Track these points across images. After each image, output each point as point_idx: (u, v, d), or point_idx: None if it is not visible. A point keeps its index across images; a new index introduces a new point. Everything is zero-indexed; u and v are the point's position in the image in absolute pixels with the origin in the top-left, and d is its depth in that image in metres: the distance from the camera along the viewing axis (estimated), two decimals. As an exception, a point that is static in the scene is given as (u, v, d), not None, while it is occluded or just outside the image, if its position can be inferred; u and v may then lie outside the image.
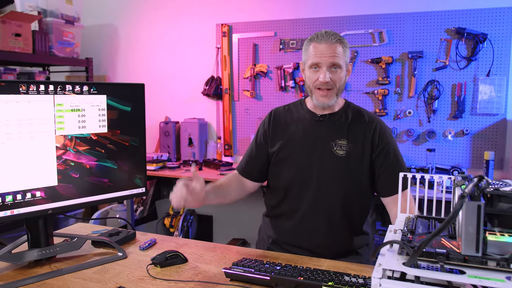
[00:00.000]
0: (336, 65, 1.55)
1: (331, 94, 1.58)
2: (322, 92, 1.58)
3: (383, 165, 1.61)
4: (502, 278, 0.69)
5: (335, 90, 1.58)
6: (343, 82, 1.60)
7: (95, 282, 1.28)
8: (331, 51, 1.54)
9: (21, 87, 1.30)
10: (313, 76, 1.58)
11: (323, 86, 1.57)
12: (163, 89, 3.86)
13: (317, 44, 1.56)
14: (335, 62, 1.54)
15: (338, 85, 1.57)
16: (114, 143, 1.52)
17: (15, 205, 1.31)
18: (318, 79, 1.56)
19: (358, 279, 1.16)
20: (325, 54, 1.54)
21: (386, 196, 1.62)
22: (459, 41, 2.91)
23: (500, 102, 2.83)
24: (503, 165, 2.89)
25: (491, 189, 0.79)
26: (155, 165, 3.30)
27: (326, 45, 1.54)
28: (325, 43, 1.55)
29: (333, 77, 1.56)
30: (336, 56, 1.54)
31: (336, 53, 1.54)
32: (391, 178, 1.59)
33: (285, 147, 1.69)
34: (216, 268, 1.37)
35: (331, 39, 1.55)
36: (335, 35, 1.56)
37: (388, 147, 1.61)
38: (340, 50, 1.55)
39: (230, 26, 3.55)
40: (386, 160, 1.61)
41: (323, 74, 1.54)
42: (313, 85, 1.59)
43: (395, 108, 3.12)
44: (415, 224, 0.95)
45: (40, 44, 3.32)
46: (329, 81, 1.55)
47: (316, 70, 1.57)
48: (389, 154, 1.61)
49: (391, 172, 1.59)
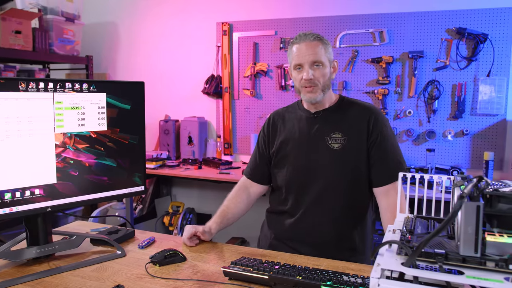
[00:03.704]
0: (318, 62, 1.61)
1: (316, 90, 1.62)
2: (307, 88, 1.63)
3: (375, 155, 1.63)
4: (501, 279, 0.69)
5: (320, 86, 1.62)
6: (327, 78, 1.64)
7: (94, 280, 1.28)
8: (311, 50, 1.60)
9: (21, 85, 1.30)
10: (298, 76, 1.64)
11: (307, 84, 1.61)
12: (163, 88, 3.86)
13: (297, 46, 1.63)
14: (316, 59, 1.60)
15: (322, 81, 1.62)
16: (113, 141, 1.52)
17: (14, 202, 1.31)
18: (302, 78, 1.61)
19: (356, 278, 1.16)
20: (305, 54, 1.60)
21: (376, 186, 1.65)
22: (459, 41, 2.90)
23: (500, 103, 2.83)
24: (503, 165, 2.89)
25: (491, 190, 0.79)
26: (155, 163, 3.30)
27: (305, 45, 1.61)
28: (304, 43, 1.61)
29: (316, 73, 1.60)
30: (316, 54, 1.60)
31: (317, 51, 1.60)
32: (382, 167, 1.62)
33: (283, 147, 1.72)
34: (215, 267, 1.37)
35: (309, 38, 1.61)
36: (312, 34, 1.63)
37: (381, 136, 1.63)
38: (320, 48, 1.61)
39: (231, 24, 3.55)
40: (378, 150, 1.63)
41: (306, 72, 1.60)
42: (299, 85, 1.65)
43: (395, 107, 3.12)
44: (414, 224, 0.95)
45: (40, 42, 3.32)
46: (312, 78, 1.60)
47: (300, 71, 1.64)
48: (381, 143, 1.63)
49: (381, 161, 1.62)
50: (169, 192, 3.95)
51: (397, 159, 1.64)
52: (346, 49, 3.21)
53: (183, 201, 3.80)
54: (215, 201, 1.79)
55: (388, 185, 1.61)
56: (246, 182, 1.84)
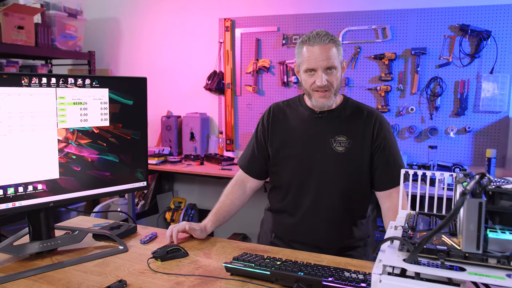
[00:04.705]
0: (332, 67, 1.55)
1: (329, 95, 1.58)
2: (320, 93, 1.58)
3: (379, 160, 1.62)
4: (502, 276, 0.69)
5: (332, 91, 1.58)
6: (339, 81, 1.60)
7: (96, 275, 1.28)
8: (325, 55, 1.52)
9: (23, 80, 1.30)
10: (309, 79, 1.58)
11: (320, 89, 1.57)
12: (165, 83, 3.86)
13: (310, 47, 1.54)
14: (330, 65, 1.54)
15: (335, 85, 1.58)
16: (116, 136, 1.52)
17: (17, 197, 1.32)
18: (314, 82, 1.56)
19: (358, 275, 1.16)
20: (319, 59, 1.53)
21: (379, 190, 1.65)
22: (462, 38, 2.89)
23: (503, 100, 2.82)
24: (505, 162, 2.88)
25: (493, 187, 0.79)
26: (157, 159, 3.31)
27: (319, 48, 1.53)
28: (318, 46, 1.53)
29: (330, 78, 1.55)
30: (330, 59, 1.53)
31: (331, 56, 1.53)
32: (384, 173, 1.62)
33: (285, 146, 1.69)
34: (216, 263, 1.37)
35: (323, 41, 1.53)
36: (327, 36, 1.55)
37: (385, 142, 1.62)
38: (334, 51, 1.54)
39: (233, 20, 3.54)
40: (382, 155, 1.62)
41: (320, 79, 1.54)
42: (310, 88, 1.59)
43: (397, 104, 3.12)
44: (416, 221, 0.95)
45: (42, 37, 3.32)
46: (326, 84, 1.55)
47: (311, 74, 1.57)
48: (385, 149, 1.62)
49: (385, 167, 1.62)
50: (171, 188, 3.96)
51: (399, 163, 1.64)
52: (348, 46, 3.20)
53: (185, 197, 3.81)
54: (217, 197, 1.79)
55: (391, 189, 1.62)
56: (242, 176, 1.81)
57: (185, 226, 1.56)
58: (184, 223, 1.59)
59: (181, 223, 1.59)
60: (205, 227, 1.62)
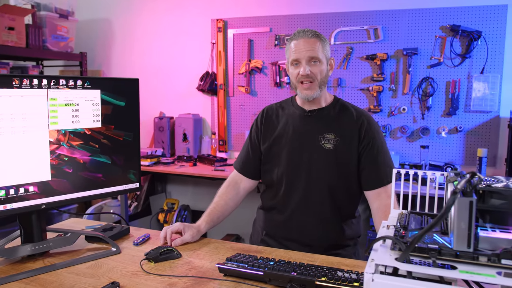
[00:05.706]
0: (315, 59, 1.61)
1: (314, 86, 1.63)
2: (304, 85, 1.63)
3: (366, 159, 1.64)
4: (493, 273, 0.70)
5: (317, 83, 1.63)
6: (324, 75, 1.64)
7: (89, 277, 1.28)
8: (308, 46, 1.60)
9: (14, 81, 1.29)
10: (295, 71, 1.64)
11: (304, 79, 1.62)
12: (157, 84, 3.85)
13: (295, 42, 1.63)
14: (313, 55, 1.61)
15: (319, 77, 1.62)
16: (108, 138, 1.52)
17: (8, 200, 1.31)
18: (299, 73, 1.62)
19: (351, 274, 1.17)
20: (302, 49, 1.61)
21: (367, 189, 1.66)
22: (453, 38, 2.92)
23: (493, 100, 2.85)
24: (496, 162, 2.91)
25: (483, 186, 0.79)
26: (149, 160, 3.30)
27: (303, 41, 1.61)
28: (302, 39, 1.62)
29: (313, 69, 1.61)
30: (313, 50, 1.60)
31: (314, 48, 1.60)
32: (373, 172, 1.64)
33: (275, 144, 1.73)
34: (210, 263, 1.37)
35: (307, 35, 1.62)
36: (311, 31, 1.63)
37: (373, 142, 1.64)
38: (318, 45, 1.62)
39: (226, 21, 3.54)
40: (370, 155, 1.64)
41: (303, 68, 1.61)
42: (296, 80, 1.65)
43: (389, 104, 3.13)
44: (408, 220, 0.95)
45: (33, 38, 3.29)
46: (309, 74, 1.60)
47: (297, 66, 1.64)
48: (373, 149, 1.64)
49: (373, 166, 1.64)
50: (164, 189, 3.94)
51: (388, 163, 1.66)
52: (340, 46, 3.21)
53: (178, 198, 3.80)
54: (210, 198, 1.79)
55: (379, 189, 1.63)
56: (236, 176, 1.83)
57: (180, 226, 1.57)
58: (178, 224, 1.59)
59: (175, 224, 1.59)
60: (199, 228, 1.62)
